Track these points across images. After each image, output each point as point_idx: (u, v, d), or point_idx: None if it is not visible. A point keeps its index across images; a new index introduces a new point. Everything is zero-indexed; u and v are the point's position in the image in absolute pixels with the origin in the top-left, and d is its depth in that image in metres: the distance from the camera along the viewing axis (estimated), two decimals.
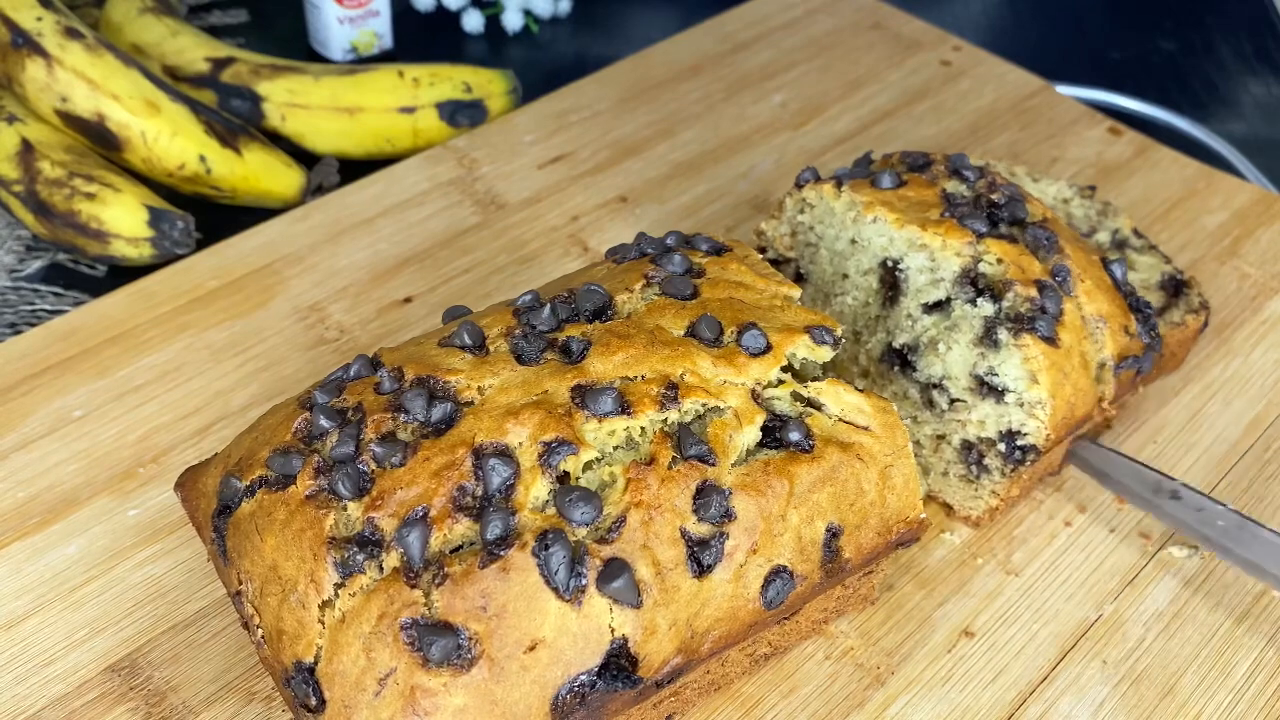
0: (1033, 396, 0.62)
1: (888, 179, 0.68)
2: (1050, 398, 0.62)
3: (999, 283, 0.63)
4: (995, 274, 0.64)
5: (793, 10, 1.09)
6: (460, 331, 0.57)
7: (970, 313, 0.63)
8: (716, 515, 0.52)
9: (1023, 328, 0.62)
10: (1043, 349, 0.62)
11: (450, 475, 0.51)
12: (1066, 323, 0.63)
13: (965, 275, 0.64)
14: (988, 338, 0.63)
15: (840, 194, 0.67)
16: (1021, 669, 0.62)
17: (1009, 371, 0.62)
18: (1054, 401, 0.62)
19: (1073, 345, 0.63)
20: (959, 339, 0.63)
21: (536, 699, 0.49)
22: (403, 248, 0.85)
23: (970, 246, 0.64)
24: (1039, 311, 0.62)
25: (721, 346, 0.56)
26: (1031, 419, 0.62)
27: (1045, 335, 0.62)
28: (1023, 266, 0.64)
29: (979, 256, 0.64)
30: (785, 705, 0.60)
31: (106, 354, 0.76)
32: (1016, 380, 0.62)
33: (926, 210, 0.66)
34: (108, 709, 0.59)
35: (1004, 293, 0.63)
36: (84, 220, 0.82)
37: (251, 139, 0.88)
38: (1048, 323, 0.62)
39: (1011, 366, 0.62)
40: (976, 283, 0.64)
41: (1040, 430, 0.62)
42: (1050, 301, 0.63)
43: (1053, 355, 0.62)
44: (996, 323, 0.63)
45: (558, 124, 0.96)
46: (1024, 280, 0.63)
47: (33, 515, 0.67)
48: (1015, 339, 0.62)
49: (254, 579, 0.53)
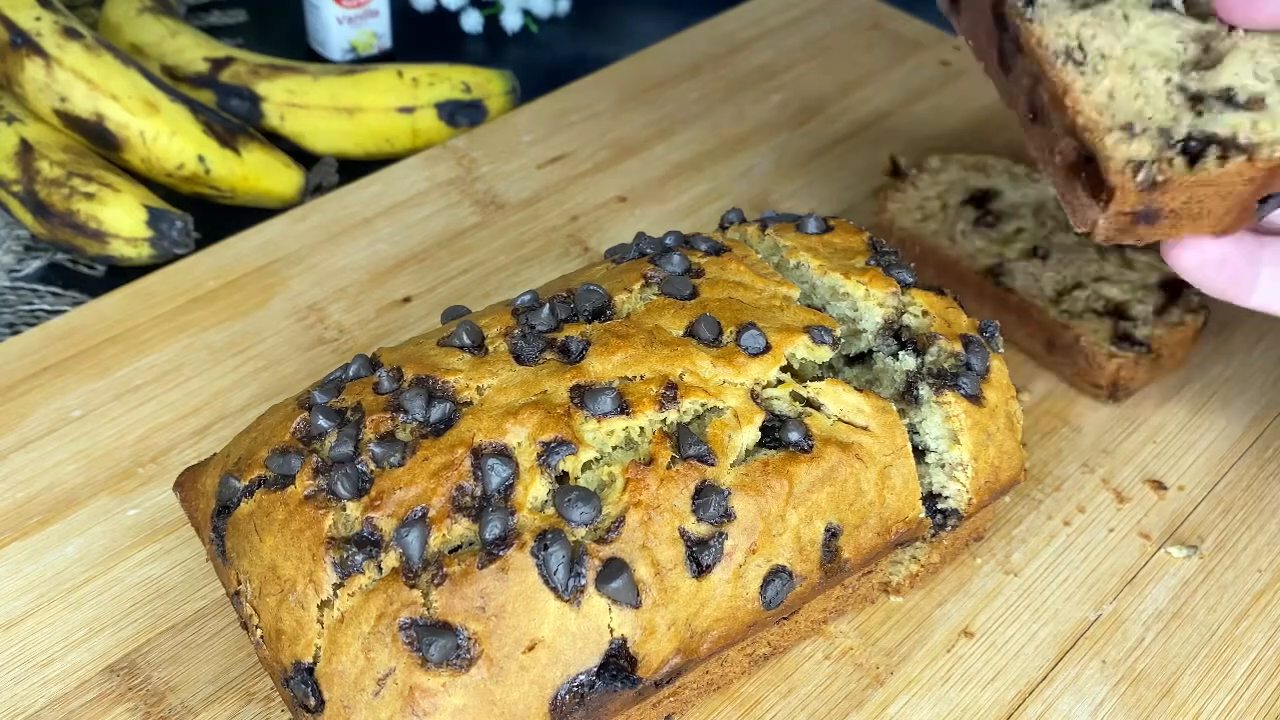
0: (954, 457, 0.58)
1: (813, 224, 0.65)
2: (972, 459, 0.58)
3: (923, 336, 0.60)
4: (919, 326, 0.60)
5: (792, 10, 1.09)
6: (459, 331, 0.57)
7: (892, 366, 0.60)
8: (715, 515, 0.52)
9: (945, 384, 0.58)
10: (965, 407, 0.58)
11: (449, 475, 0.51)
12: (993, 380, 0.60)
13: (888, 327, 0.60)
14: (909, 394, 0.59)
15: (764, 237, 0.65)
16: (1021, 669, 0.62)
17: (930, 430, 0.58)
18: (976, 464, 0.58)
19: (998, 404, 0.59)
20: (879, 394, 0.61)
21: (535, 699, 0.49)
22: (402, 248, 0.85)
23: (895, 297, 0.61)
24: (964, 368, 0.59)
25: (721, 346, 0.56)
26: (953, 481, 0.59)
27: (969, 393, 0.58)
28: (949, 320, 0.60)
29: (903, 308, 0.61)
30: (784, 705, 0.60)
31: (105, 354, 0.76)
32: (937, 440, 0.59)
33: (852, 258, 0.63)
34: (107, 709, 0.59)
35: (928, 346, 0.59)
36: (83, 220, 0.82)
37: (250, 139, 0.88)
38: (972, 380, 0.58)
39: (932, 425, 0.58)
40: (900, 335, 0.60)
41: (962, 493, 0.59)
42: (976, 358, 0.59)
43: (976, 414, 0.58)
44: (918, 378, 0.59)
45: (557, 124, 0.96)
46: (949, 334, 0.60)
47: (32, 515, 0.67)
48: (937, 396, 0.58)
49: (253, 579, 0.53)
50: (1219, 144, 0.52)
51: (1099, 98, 0.54)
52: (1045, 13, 0.56)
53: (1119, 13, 0.56)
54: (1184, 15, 0.56)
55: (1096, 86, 0.54)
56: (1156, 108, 0.54)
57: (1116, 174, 0.52)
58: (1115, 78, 0.54)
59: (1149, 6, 0.56)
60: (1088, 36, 0.55)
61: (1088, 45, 0.55)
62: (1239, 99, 0.53)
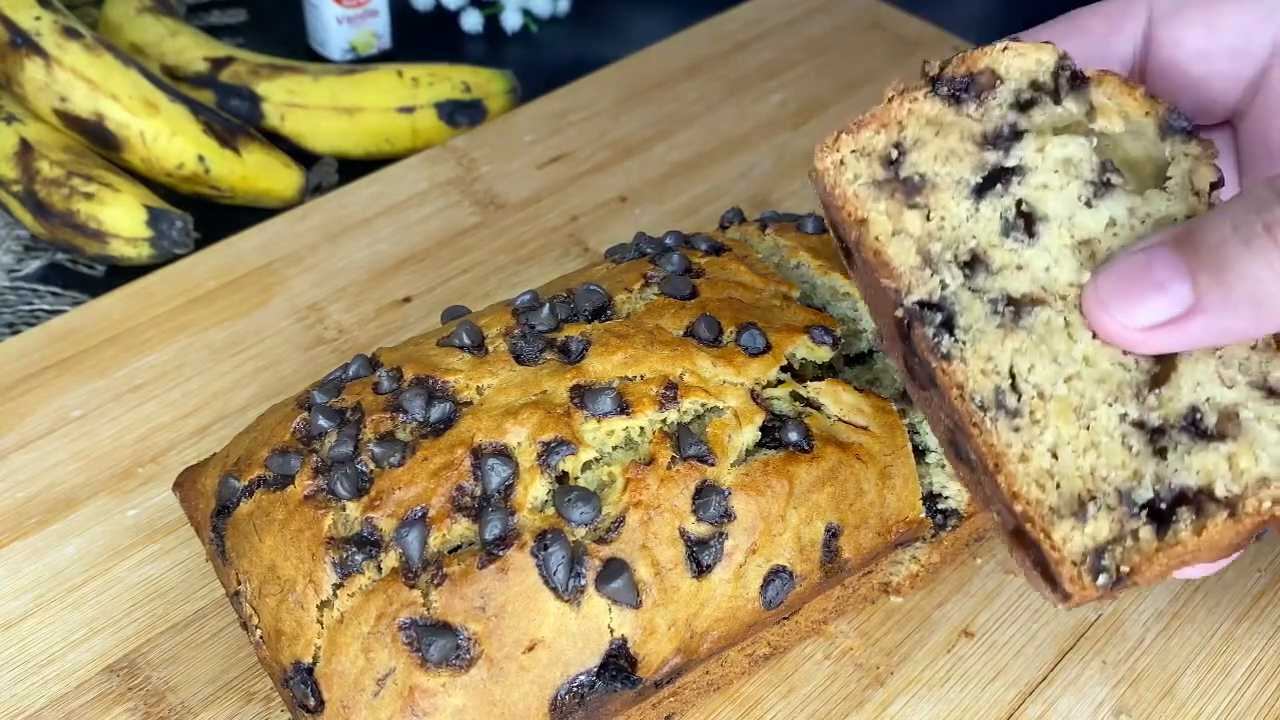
0: None
1: (813, 223, 0.65)
2: None
3: None
4: None
5: (792, 10, 1.09)
6: (459, 331, 0.57)
7: (892, 366, 0.59)
8: (716, 515, 0.52)
9: None
10: None
11: (449, 475, 0.51)
12: None
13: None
14: (907, 395, 0.57)
15: (764, 237, 0.65)
16: (1021, 669, 0.62)
17: (930, 430, 0.57)
18: None
19: None
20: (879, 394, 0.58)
21: (535, 699, 0.49)
22: (402, 247, 0.85)
23: None
24: None
25: (720, 346, 0.56)
26: (953, 481, 0.58)
27: None
28: None
29: None
30: (784, 705, 0.60)
31: (105, 354, 0.76)
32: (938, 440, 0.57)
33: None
34: (106, 709, 0.59)
35: None
36: (83, 220, 0.82)
37: (250, 139, 0.88)
38: None
39: None
40: None
41: (962, 493, 0.58)
42: None
43: None
44: None
45: (557, 124, 0.96)
46: None
47: (31, 515, 0.67)
48: None
49: (252, 579, 0.53)
50: (1191, 503, 0.41)
51: (1040, 463, 0.43)
52: (969, 341, 0.44)
53: (1058, 320, 0.44)
54: None
55: (1036, 447, 0.43)
56: (1111, 461, 0.42)
57: (1070, 580, 0.41)
58: (1058, 427, 0.43)
59: None
60: (1023, 370, 0.43)
61: (1023, 383, 0.43)
62: (1207, 425, 0.42)
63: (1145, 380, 0.43)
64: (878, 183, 0.46)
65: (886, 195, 0.45)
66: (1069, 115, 0.46)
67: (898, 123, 0.46)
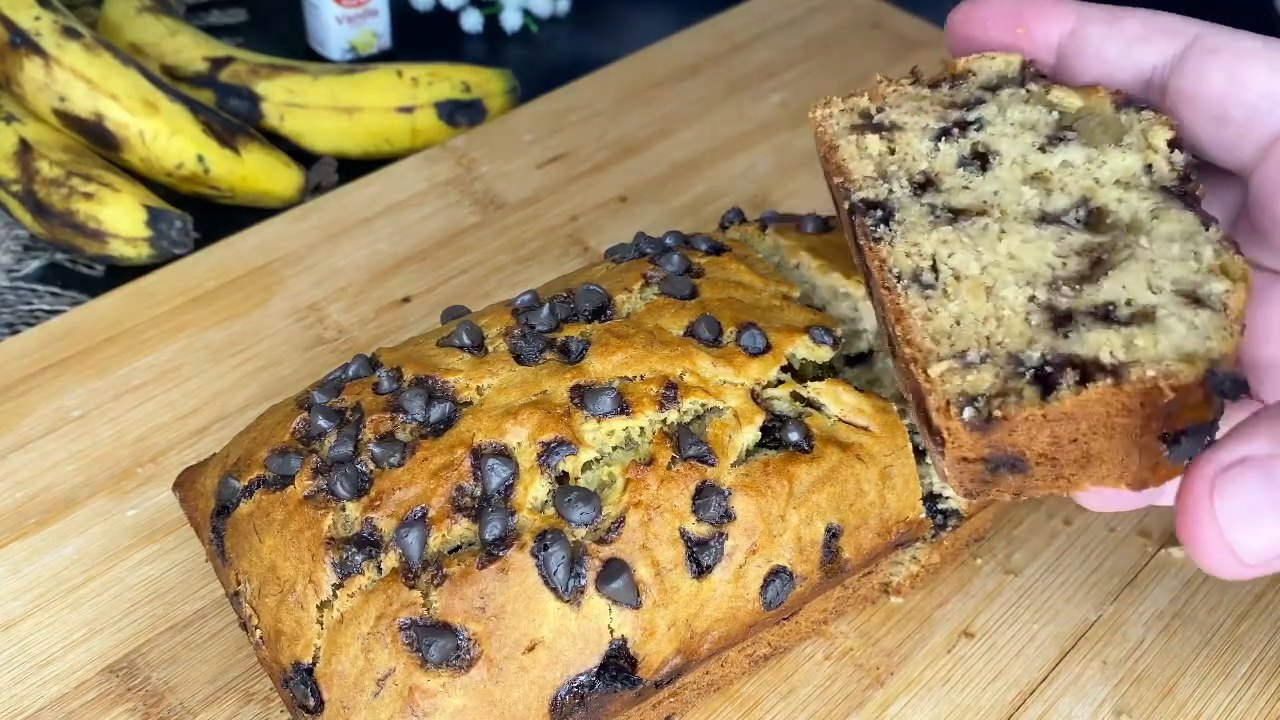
0: None
1: (812, 223, 0.65)
2: None
3: None
4: None
5: (792, 10, 1.09)
6: (459, 331, 0.57)
7: (892, 366, 0.58)
8: (716, 515, 0.52)
9: None
10: None
11: (449, 475, 0.51)
12: None
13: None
14: None
15: (764, 236, 0.65)
16: (1021, 669, 0.62)
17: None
18: None
19: None
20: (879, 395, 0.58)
21: (535, 700, 0.49)
22: (401, 247, 0.85)
23: None
24: None
25: (721, 346, 0.56)
26: None
27: None
28: None
29: None
30: (784, 706, 0.60)
31: (105, 354, 0.76)
32: None
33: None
34: (106, 709, 0.59)
35: None
36: (82, 220, 0.82)
37: (250, 138, 0.88)
38: None
39: None
40: None
41: None
42: None
43: None
44: None
45: (557, 123, 0.96)
46: None
47: (31, 515, 0.67)
48: None
49: (252, 579, 0.53)
50: (1077, 367, 0.42)
51: (940, 324, 0.45)
52: (900, 230, 0.48)
53: (994, 227, 0.47)
54: (1077, 228, 0.47)
55: (940, 312, 0.45)
56: (1010, 330, 0.44)
57: (938, 410, 0.42)
58: (967, 300, 0.45)
59: (1034, 220, 0.47)
60: (944, 255, 0.47)
61: (942, 265, 0.46)
62: (1119, 315, 0.43)
63: (1072, 279, 0.45)
64: (855, 126, 0.52)
65: (859, 133, 0.52)
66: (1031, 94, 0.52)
67: (882, 96, 0.54)
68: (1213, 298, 0.43)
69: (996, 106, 0.51)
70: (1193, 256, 0.44)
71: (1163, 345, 0.42)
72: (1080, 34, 0.50)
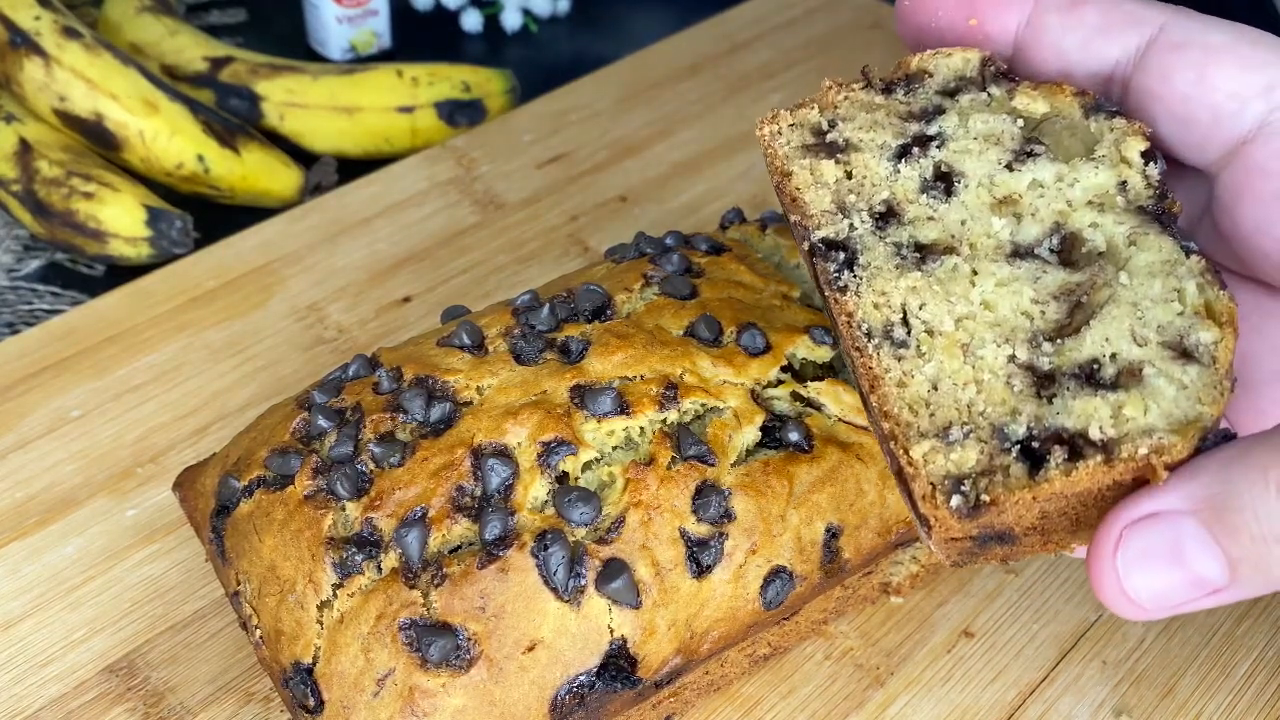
0: None
1: None
2: None
3: None
4: None
5: (792, 10, 1.09)
6: (459, 331, 0.57)
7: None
8: (716, 515, 0.52)
9: None
10: None
11: (449, 475, 0.51)
12: None
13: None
14: None
15: (764, 236, 0.65)
16: (1021, 669, 0.62)
17: None
18: None
19: None
20: None
21: (535, 699, 0.49)
22: (401, 247, 0.85)
23: None
24: None
25: (721, 346, 0.56)
26: None
27: None
28: None
29: None
30: (784, 705, 0.60)
31: (104, 354, 0.76)
32: None
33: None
34: (105, 709, 0.59)
35: None
36: (82, 220, 0.82)
37: (250, 138, 0.88)
38: None
39: None
40: None
41: None
42: None
43: None
44: None
45: (556, 123, 0.96)
46: None
47: (31, 515, 0.67)
48: None
49: (252, 579, 0.53)
50: (1065, 442, 0.40)
51: (917, 391, 0.42)
52: (866, 277, 0.45)
53: (965, 268, 0.44)
54: (1052, 263, 0.44)
55: (916, 376, 0.42)
56: (991, 398, 0.41)
57: (924, 498, 0.40)
58: (942, 361, 0.42)
59: (1007, 256, 0.44)
60: (914, 306, 0.44)
61: (913, 318, 0.44)
62: (1104, 376, 0.41)
63: (1051, 330, 0.43)
64: (807, 146, 0.48)
65: (813, 155, 0.48)
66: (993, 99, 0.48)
67: (833, 105, 0.49)
68: (1200, 349, 0.41)
69: (957, 116, 0.48)
70: (1175, 296, 0.42)
71: (1153, 414, 0.40)
72: (1037, 24, 0.47)
